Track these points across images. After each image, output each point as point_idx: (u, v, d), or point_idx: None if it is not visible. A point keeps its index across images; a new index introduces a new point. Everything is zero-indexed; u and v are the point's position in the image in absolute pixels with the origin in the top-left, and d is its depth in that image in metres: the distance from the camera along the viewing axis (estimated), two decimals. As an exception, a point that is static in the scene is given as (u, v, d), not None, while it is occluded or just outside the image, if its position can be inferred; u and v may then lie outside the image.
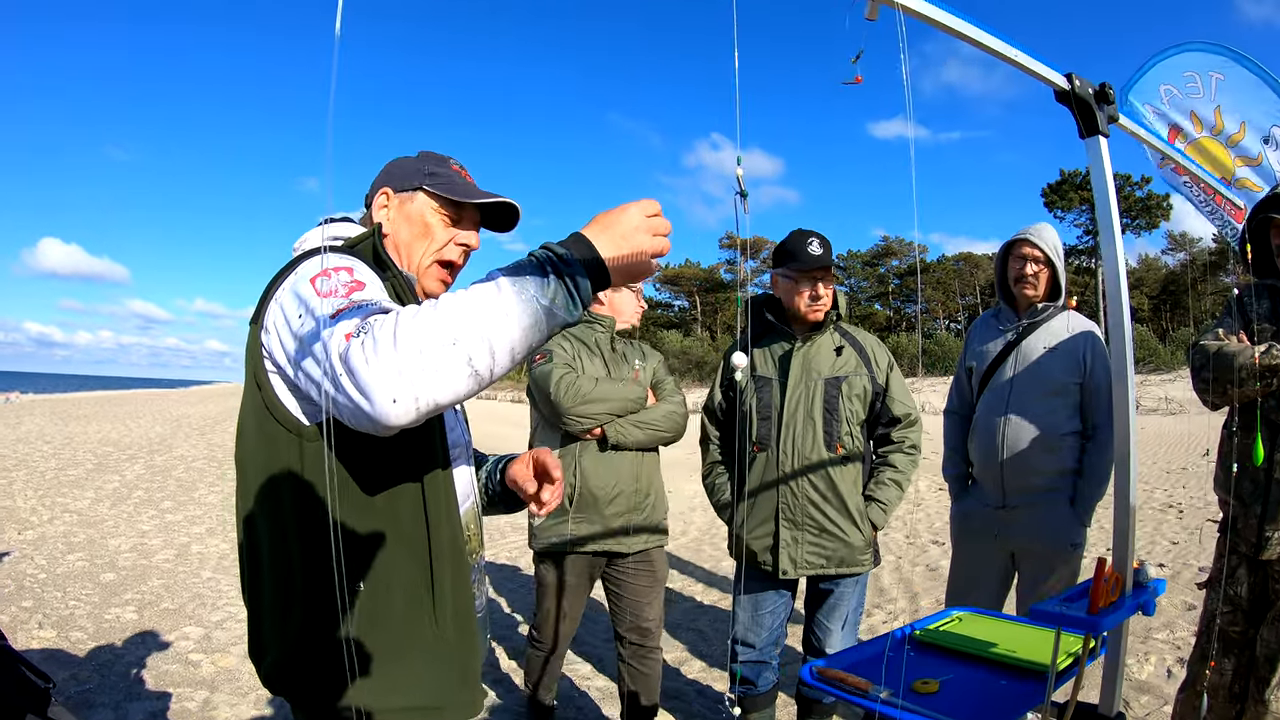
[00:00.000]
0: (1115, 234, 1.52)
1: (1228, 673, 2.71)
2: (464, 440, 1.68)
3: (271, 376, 1.40)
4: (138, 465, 12.90)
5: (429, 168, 1.68)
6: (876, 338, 3.30)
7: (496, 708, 3.97)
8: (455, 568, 1.51)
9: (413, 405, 1.13)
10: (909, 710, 1.52)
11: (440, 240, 1.67)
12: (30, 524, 7.97)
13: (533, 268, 1.20)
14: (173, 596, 5.72)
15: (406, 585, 1.45)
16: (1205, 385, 2.68)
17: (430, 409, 1.15)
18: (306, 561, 1.40)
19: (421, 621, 1.47)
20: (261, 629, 1.48)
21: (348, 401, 1.15)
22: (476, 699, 1.57)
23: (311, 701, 1.44)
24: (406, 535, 1.45)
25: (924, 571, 6.71)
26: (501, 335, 1.15)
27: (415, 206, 1.66)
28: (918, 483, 11.17)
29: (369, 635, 1.42)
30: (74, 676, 4.15)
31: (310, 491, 1.39)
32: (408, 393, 1.12)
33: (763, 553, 3.16)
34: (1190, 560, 6.68)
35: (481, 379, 1.16)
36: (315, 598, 1.39)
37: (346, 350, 1.15)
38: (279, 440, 1.41)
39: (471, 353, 1.13)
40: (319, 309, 1.28)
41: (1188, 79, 3.63)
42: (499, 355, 1.15)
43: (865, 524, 3.13)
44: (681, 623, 5.43)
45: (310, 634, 1.41)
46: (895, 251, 77.34)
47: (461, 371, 1.13)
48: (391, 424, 1.14)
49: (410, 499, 1.46)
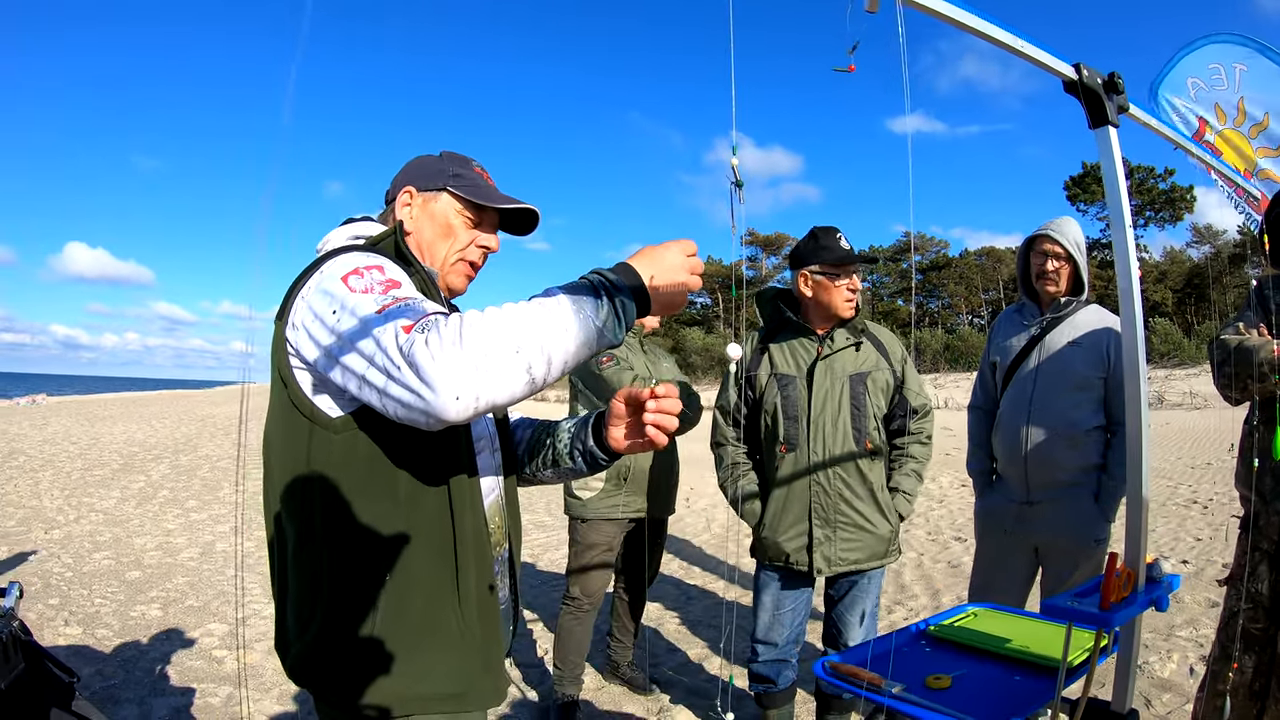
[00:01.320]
0: (1126, 224, 1.51)
1: (1248, 670, 2.67)
2: (488, 432, 1.70)
3: (297, 372, 1.42)
4: (163, 465, 13.03)
5: (453, 169, 1.71)
6: (890, 331, 3.29)
7: (518, 702, 3.99)
8: (479, 559, 1.53)
9: (472, 403, 1.19)
10: (921, 705, 1.52)
11: (462, 241, 1.70)
12: (57, 523, 8.08)
13: (588, 290, 1.28)
14: (197, 594, 5.78)
15: (430, 576, 1.47)
16: (1226, 380, 2.65)
17: (485, 408, 1.21)
18: (331, 553, 1.42)
19: (445, 612, 1.48)
20: (287, 621, 1.50)
21: (406, 393, 1.20)
22: (500, 687, 1.59)
23: (335, 693, 1.46)
24: (431, 526, 1.47)
25: (945, 568, 6.68)
26: (559, 348, 1.23)
27: (439, 207, 1.68)
28: (940, 479, 11.12)
29: (393, 626, 1.44)
30: (99, 672, 4.21)
31: (335, 484, 1.42)
32: (470, 390, 1.18)
33: (795, 553, 3.14)
34: (1214, 557, 6.61)
35: (535, 386, 1.23)
36: (340, 589, 1.42)
37: (410, 344, 1.20)
38: (303, 434, 1.43)
39: (531, 360, 1.21)
40: (360, 306, 1.32)
41: (1212, 71, 3.60)
42: (553, 366, 1.23)
43: (893, 515, 3.15)
44: (703, 620, 5.44)
45: (335, 625, 1.43)
46: (918, 247, 76.90)
47: (521, 377, 1.21)
48: (447, 418, 1.19)
49: (435, 490, 1.48)
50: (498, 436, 1.74)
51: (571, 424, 1.82)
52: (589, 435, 1.74)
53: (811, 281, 3.16)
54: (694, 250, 1.38)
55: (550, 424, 1.88)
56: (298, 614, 1.47)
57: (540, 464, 1.84)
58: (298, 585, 1.47)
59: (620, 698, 4.10)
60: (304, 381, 1.42)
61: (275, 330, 1.47)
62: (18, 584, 2.42)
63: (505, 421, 1.82)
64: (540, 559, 7.18)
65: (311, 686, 1.49)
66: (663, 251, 1.36)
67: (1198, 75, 3.62)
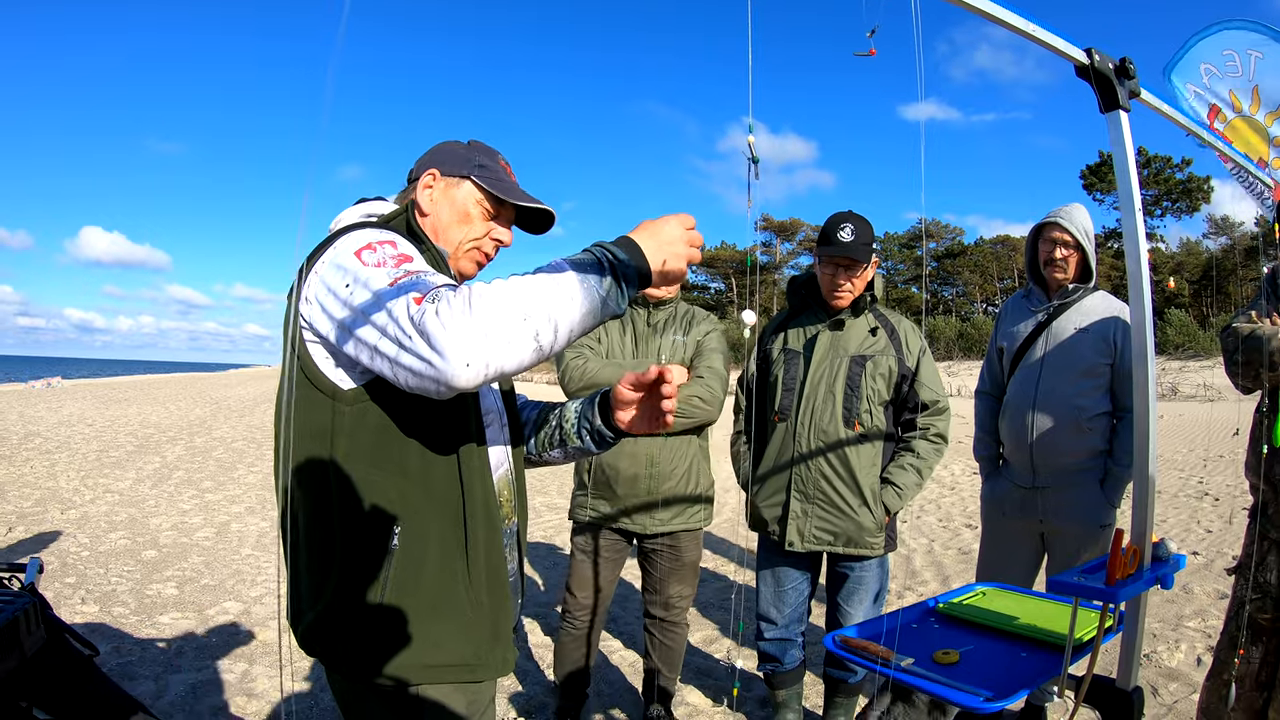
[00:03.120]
0: (1136, 209, 1.52)
1: (1255, 660, 2.67)
2: (496, 407, 1.72)
3: (310, 346, 1.45)
4: (178, 447, 13.14)
5: (479, 159, 1.74)
6: (911, 322, 3.30)
7: (527, 682, 4.04)
8: (488, 530, 1.56)
9: (482, 369, 1.23)
10: (929, 679, 1.55)
11: (478, 231, 1.73)
12: (73, 504, 8.16)
13: (591, 262, 1.33)
14: (212, 573, 5.85)
15: (440, 546, 1.50)
16: (1237, 369, 2.65)
17: (495, 375, 1.25)
18: (343, 523, 1.45)
19: (455, 583, 1.51)
20: (300, 593, 1.53)
21: (417, 361, 1.24)
22: (508, 658, 1.63)
23: (346, 663, 1.49)
24: (441, 497, 1.50)
25: (956, 555, 6.70)
26: (565, 316, 1.27)
27: (460, 193, 1.71)
28: (952, 466, 11.12)
29: (403, 595, 1.47)
30: (116, 649, 4.27)
31: (346, 455, 1.45)
32: (480, 358, 1.22)
33: (773, 522, 3.20)
34: (1225, 549, 6.61)
35: (542, 353, 1.28)
36: (351, 559, 1.45)
37: (421, 314, 1.24)
38: (315, 406, 1.46)
39: (539, 328, 1.25)
40: (372, 279, 1.35)
41: (1227, 57, 3.56)
42: (560, 334, 1.27)
43: (878, 506, 3.11)
44: (713, 601, 5.48)
45: (345, 594, 1.45)
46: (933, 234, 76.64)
47: (529, 345, 1.25)
48: (457, 385, 1.23)
49: (445, 461, 1.51)
50: (505, 413, 1.77)
51: (578, 403, 1.85)
52: (596, 414, 1.78)
53: (818, 266, 3.21)
54: (693, 224, 1.43)
55: (557, 404, 1.92)
56: (310, 584, 1.50)
57: (547, 443, 1.88)
58: (309, 556, 1.49)
59: (628, 675, 4.14)
60: (316, 355, 1.45)
61: (288, 306, 1.50)
62: (38, 559, 2.46)
63: (512, 395, 1.85)
64: (555, 539, 7.24)
65: (323, 656, 1.52)
66: (662, 225, 1.41)
67: (1211, 61, 3.59)
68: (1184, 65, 3.60)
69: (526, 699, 3.86)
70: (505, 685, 3.98)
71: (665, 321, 3.35)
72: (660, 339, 3.30)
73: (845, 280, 3.11)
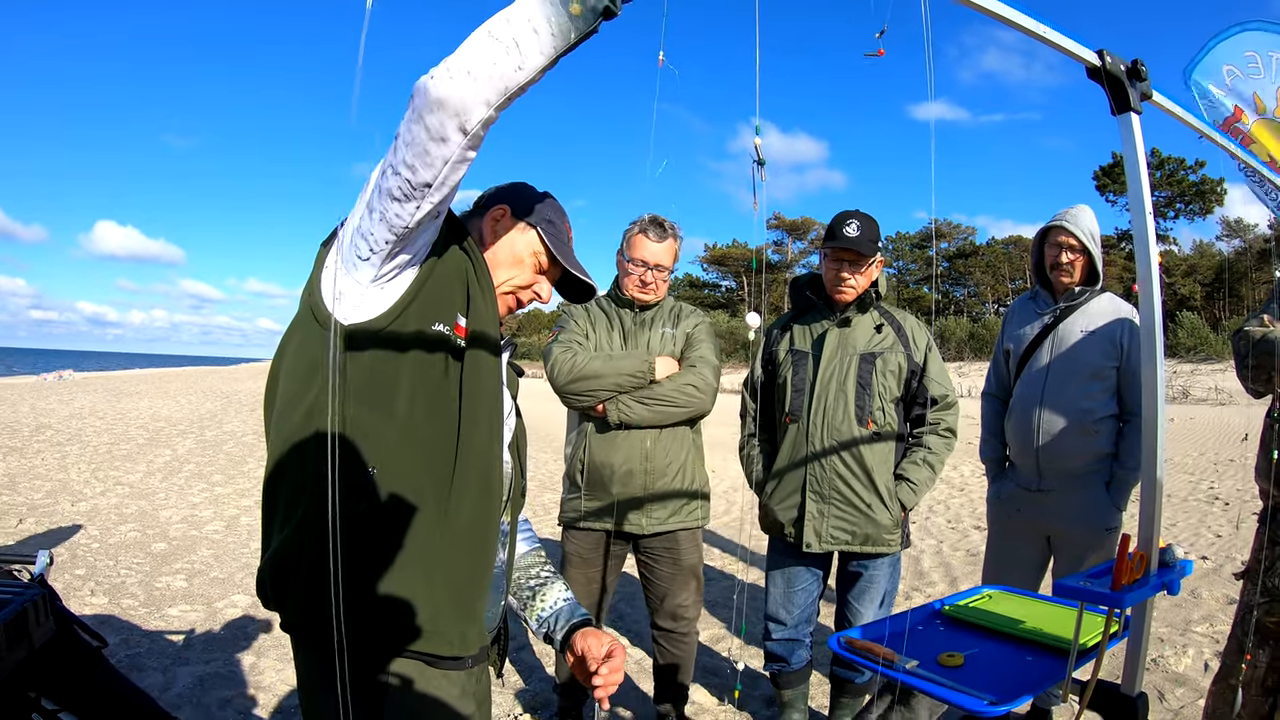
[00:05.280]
0: (1146, 210, 1.51)
1: (1262, 665, 2.66)
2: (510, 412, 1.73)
3: (324, 274, 1.46)
4: (189, 440, 13.19)
5: (549, 214, 1.77)
6: (916, 318, 3.29)
7: (532, 679, 4.04)
8: (482, 493, 1.53)
9: (485, 89, 1.18)
10: (934, 681, 1.55)
11: (524, 279, 1.75)
12: (84, 496, 8.20)
13: None
14: (222, 566, 5.88)
15: (417, 496, 1.45)
16: (1248, 373, 2.64)
17: (498, 91, 1.20)
18: (319, 458, 1.37)
19: (427, 535, 1.45)
20: (270, 537, 1.48)
21: (423, 133, 1.21)
22: (468, 637, 1.53)
23: (292, 610, 1.45)
24: (430, 448, 1.46)
25: (965, 556, 6.68)
26: (537, 13, 1.17)
27: (523, 239, 1.73)
28: (961, 468, 11.09)
29: (363, 539, 1.41)
30: (125, 641, 4.29)
31: (337, 388, 1.39)
32: (473, 88, 1.18)
33: (789, 524, 3.19)
34: (1234, 554, 6.57)
35: (525, 59, 1.19)
36: (323, 491, 1.31)
37: (404, 124, 1.23)
38: (314, 341, 1.44)
39: (516, 35, 1.17)
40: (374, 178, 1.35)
41: (1249, 59, 3.54)
42: (540, 33, 1.17)
43: (894, 503, 3.12)
44: (720, 600, 5.48)
45: (305, 531, 1.40)
46: (944, 234, 76.46)
47: (510, 55, 1.17)
48: (470, 108, 1.19)
49: (445, 415, 1.48)
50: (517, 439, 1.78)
51: (562, 603, 1.82)
52: (560, 631, 1.77)
53: (823, 262, 3.21)
54: None
55: (549, 576, 1.89)
56: (281, 521, 1.45)
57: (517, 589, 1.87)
58: (288, 494, 1.45)
59: (635, 674, 4.15)
60: (326, 286, 1.44)
61: (316, 258, 1.51)
62: (48, 551, 2.47)
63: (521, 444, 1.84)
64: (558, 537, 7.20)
65: (273, 601, 1.47)
66: None
67: (1234, 63, 3.56)
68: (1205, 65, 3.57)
69: (532, 695, 3.86)
70: (511, 682, 3.99)
71: (654, 318, 3.34)
72: (649, 333, 3.30)
73: (850, 275, 3.11)
